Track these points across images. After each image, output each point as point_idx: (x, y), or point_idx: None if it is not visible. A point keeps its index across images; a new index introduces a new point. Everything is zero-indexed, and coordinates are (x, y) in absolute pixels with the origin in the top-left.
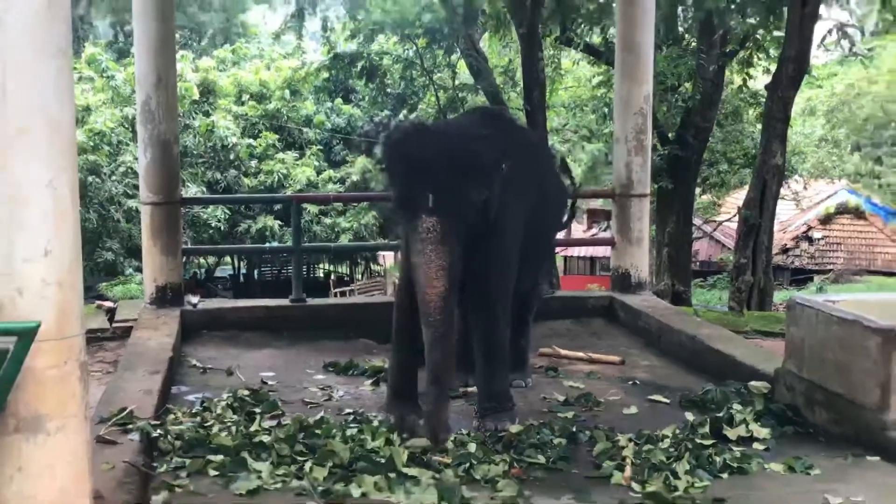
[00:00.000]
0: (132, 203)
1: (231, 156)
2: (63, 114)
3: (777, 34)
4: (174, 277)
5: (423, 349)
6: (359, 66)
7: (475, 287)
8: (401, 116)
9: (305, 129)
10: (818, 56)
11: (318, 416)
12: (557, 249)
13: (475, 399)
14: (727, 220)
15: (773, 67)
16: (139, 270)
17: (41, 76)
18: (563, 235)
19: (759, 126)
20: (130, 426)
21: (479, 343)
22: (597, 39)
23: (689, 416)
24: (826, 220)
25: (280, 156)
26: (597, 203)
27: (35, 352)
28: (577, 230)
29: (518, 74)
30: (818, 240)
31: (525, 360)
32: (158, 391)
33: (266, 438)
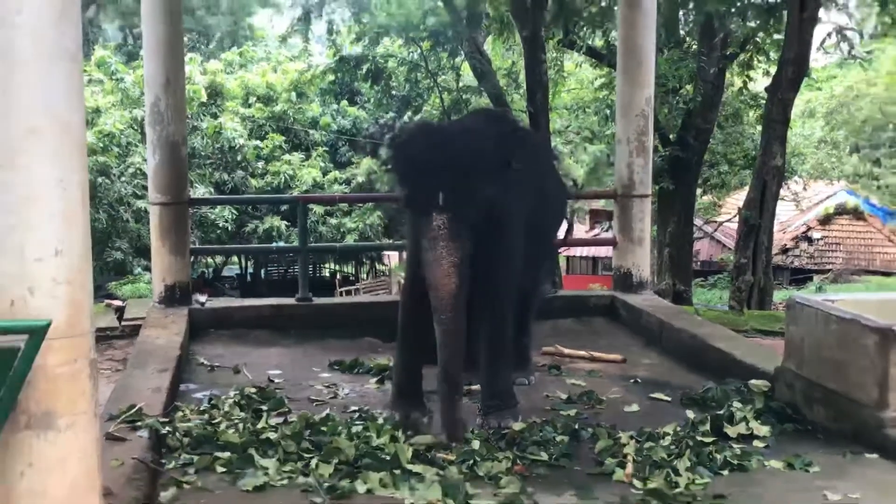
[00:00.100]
0: (141, 203)
1: (238, 157)
2: (73, 115)
3: (777, 37)
4: (182, 277)
5: (428, 348)
6: (364, 69)
7: (480, 286)
8: (405, 118)
9: (311, 131)
10: (817, 59)
11: (324, 414)
12: (560, 249)
13: (479, 397)
14: (727, 221)
15: (773, 70)
16: (148, 270)
17: (52, 78)
18: (565, 235)
19: (760, 128)
20: (139, 423)
21: (484, 342)
22: (599, 42)
23: (690, 414)
24: (825, 221)
25: (286, 157)
26: (599, 204)
27: (46, 350)
28: (580, 230)
29: (521, 77)
30: (817, 240)
31: (528, 359)
32: (167, 389)
33: (273, 435)
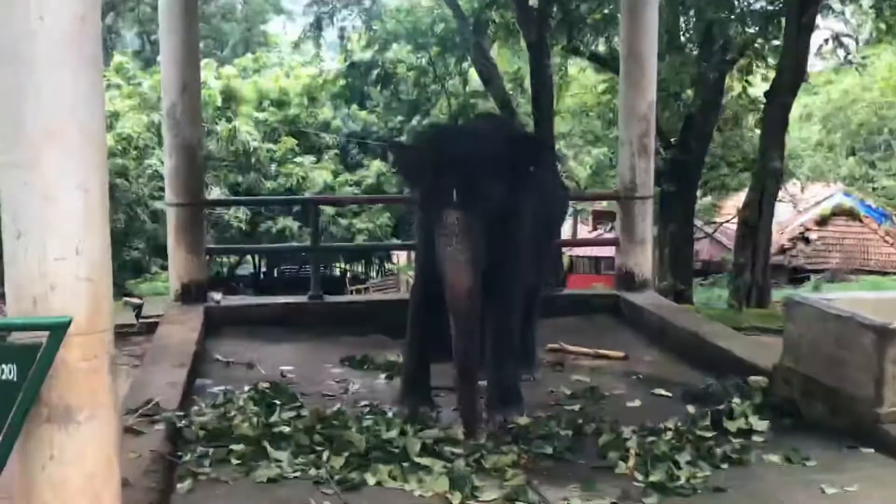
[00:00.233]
0: (158, 204)
1: (252, 159)
2: (94, 119)
3: (775, 43)
4: (198, 275)
5: (436, 344)
6: (374, 74)
7: (487, 284)
8: (414, 122)
9: (323, 134)
10: (814, 64)
11: (335, 408)
12: (564, 249)
13: (485, 392)
14: (727, 222)
15: (772, 75)
16: (165, 269)
17: (72, 82)
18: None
19: (758, 131)
20: (156, 417)
21: (490, 339)
22: (602, 48)
23: (691, 409)
24: (822, 222)
25: (299, 159)
26: (602, 205)
27: (67, 345)
28: (583, 231)
29: (527, 82)
30: (814, 240)
31: (533, 355)
32: (183, 384)
33: (286, 429)
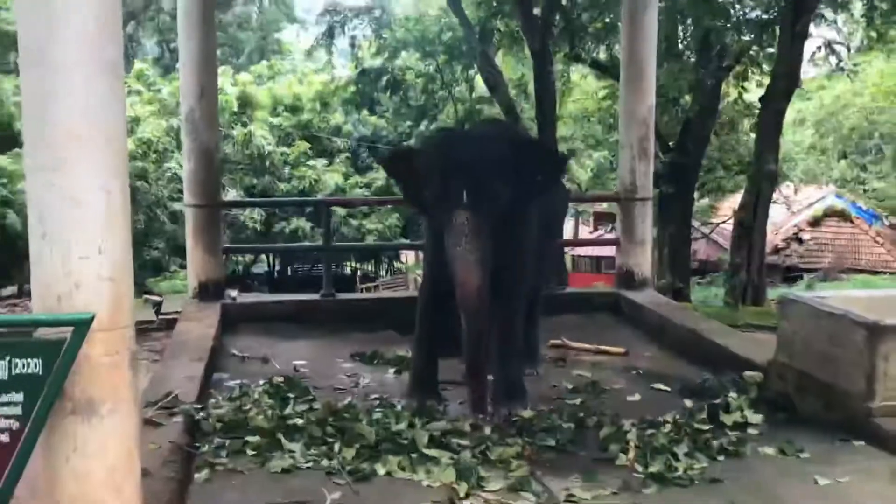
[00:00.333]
0: (177, 206)
1: (267, 163)
2: (115, 123)
3: (770, 51)
4: (215, 274)
5: (443, 340)
6: (384, 81)
7: (493, 284)
8: (422, 127)
9: (334, 139)
10: (808, 71)
11: (347, 401)
12: (566, 249)
13: (491, 387)
14: (723, 223)
15: (767, 81)
16: (183, 267)
17: (95, 88)
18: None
19: (754, 135)
20: (175, 409)
21: (495, 335)
22: (603, 55)
23: (688, 403)
24: (815, 223)
25: (311, 163)
26: (603, 206)
27: (90, 341)
28: (584, 231)
29: (530, 88)
30: (808, 241)
31: (536, 352)
32: (201, 378)
33: (299, 421)
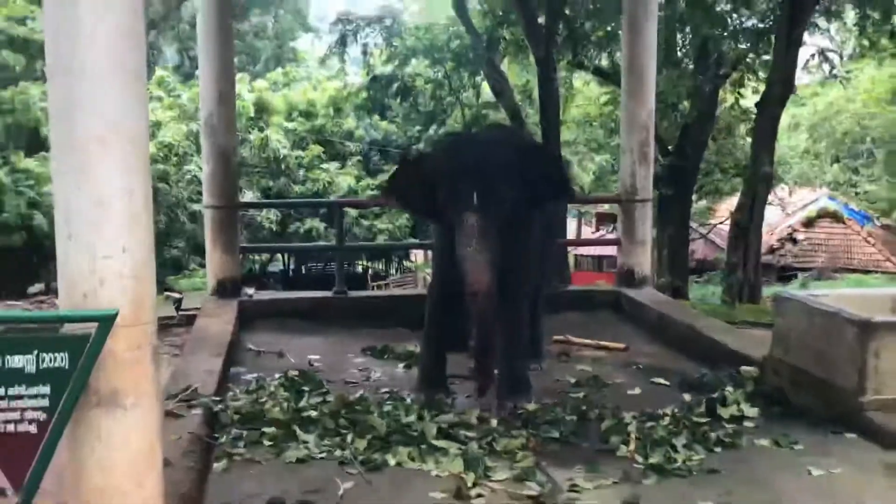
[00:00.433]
0: (196, 207)
1: (282, 166)
2: (139, 127)
3: (766, 58)
4: (233, 272)
5: (451, 336)
6: (394, 87)
7: (499, 283)
8: (431, 131)
9: (347, 143)
10: (802, 77)
11: (358, 394)
12: (569, 249)
13: (497, 382)
14: (720, 224)
15: (762, 88)
16: (202, 266)
17: (120, 93)
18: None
19: (750, 140)
20: (195, 402)
21: (501, 332)
22: (605, 63)
23: (687, 397)
24: (809, 224)
25: (325, 166)
26: (604, 208)
27: (114, 336)
28: (587, 231)
29: (535, 94)
30: (802, 241)
31: (540, 347)
32: (219, 371)
33: (313, 413)
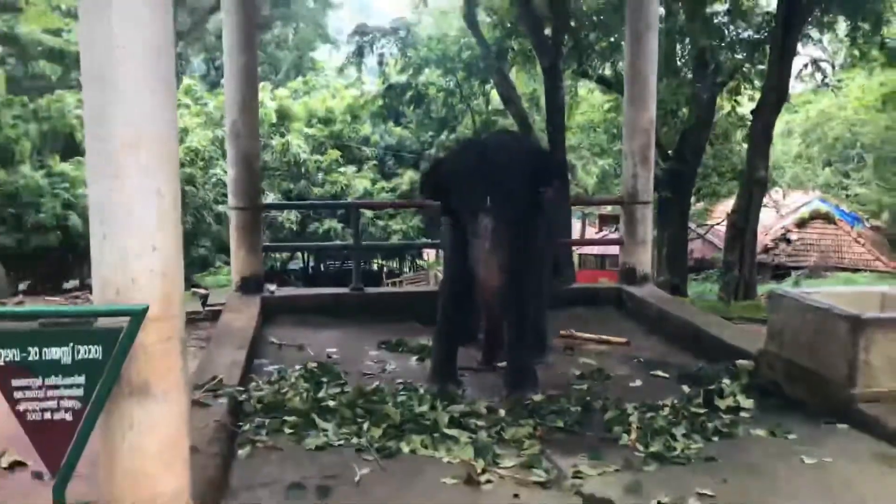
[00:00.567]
0: (221, 208)
1: (302, 169)
2: (168, 133)
3: (761, 67)
4: (256, 269)
5: (462, 331)
6: (408, 95)
7: (509, 279)
8: (443, 137)
9: (363, 147)
10: (795, 86)
11: (374, 385)
12: (573, 248)
13: (505, 374)
14: (717, 224)
15: (758, 96)
16: (227, 264)
17: (151, 101)
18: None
19: (746, 145)
20: (220, 392)
21: (509, 327)
22: (608, 72)
23: (686, 389)
24: (801, 225)
25: (342, 169)
26: (607, 209)
27: (144, 329)
28: (590, 232)
29: (542, 101)
30: (795, 241)
31: (546, 342)
32: (243, 363)
33: (331, 403)
